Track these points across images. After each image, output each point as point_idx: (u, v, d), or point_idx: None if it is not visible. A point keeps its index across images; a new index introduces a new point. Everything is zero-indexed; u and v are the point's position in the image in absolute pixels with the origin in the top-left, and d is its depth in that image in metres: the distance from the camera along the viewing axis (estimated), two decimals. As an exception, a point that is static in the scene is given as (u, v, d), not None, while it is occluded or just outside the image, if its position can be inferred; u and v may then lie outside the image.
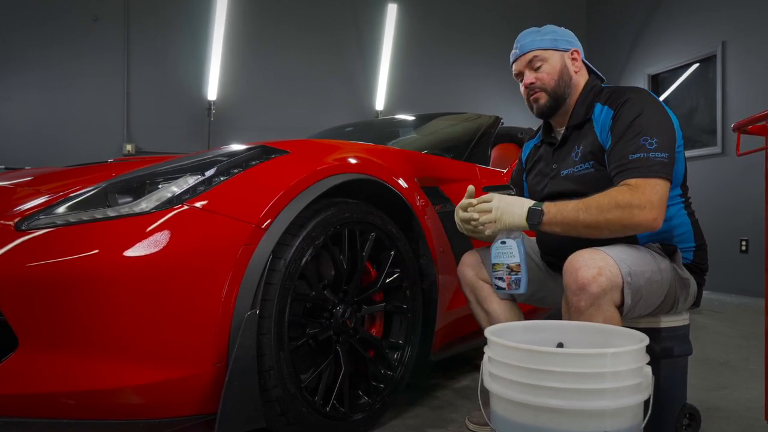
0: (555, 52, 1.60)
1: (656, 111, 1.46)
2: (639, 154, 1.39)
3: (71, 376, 1.22)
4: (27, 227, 1.28)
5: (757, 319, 3.62)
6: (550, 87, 1.59)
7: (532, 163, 1.77)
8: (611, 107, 1.51)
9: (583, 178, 1.54)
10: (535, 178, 1.73)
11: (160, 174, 1.43)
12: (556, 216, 1.40)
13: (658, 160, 1.37)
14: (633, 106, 1.46)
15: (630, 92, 1.51)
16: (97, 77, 4.99)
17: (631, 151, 1.40)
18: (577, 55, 1.63)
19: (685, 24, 5.45)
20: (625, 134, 1.43)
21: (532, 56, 1.60)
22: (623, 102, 1.48)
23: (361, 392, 1.64)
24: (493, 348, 1.17)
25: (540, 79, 1.60)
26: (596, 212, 1.36)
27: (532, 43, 1.61)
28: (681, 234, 1.56)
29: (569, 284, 1.34)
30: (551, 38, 1.61)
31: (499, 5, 6.46)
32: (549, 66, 1.59)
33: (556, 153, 1.65)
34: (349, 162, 1.66)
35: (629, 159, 1.40)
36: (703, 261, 1.61)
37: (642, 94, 1.50)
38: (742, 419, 1.77)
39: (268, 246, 1.37)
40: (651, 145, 1.39)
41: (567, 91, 1.61)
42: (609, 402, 1.05)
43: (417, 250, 1.82)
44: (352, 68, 5.85)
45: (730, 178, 4.82)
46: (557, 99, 1.60)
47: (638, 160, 1.38)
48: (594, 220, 1.36)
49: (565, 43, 1.62)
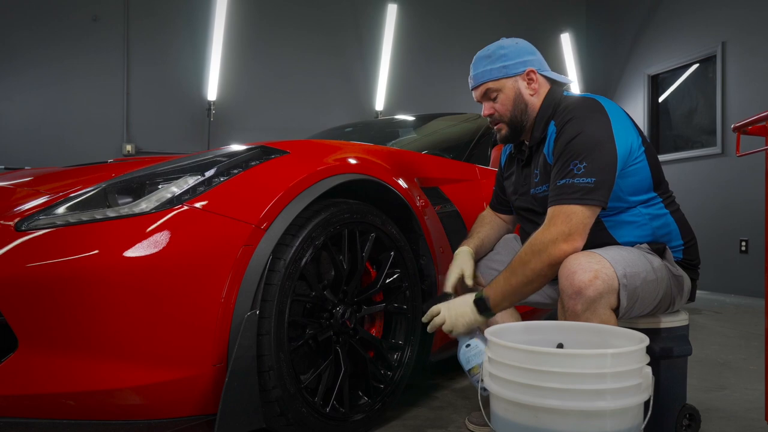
0: (507, 80, 1.57)
1: (596, 129, 1.42)
2: (565, 179, 1.39)
3: (71, 377, 1.22)
4: (27, 227, 1.28)
5: (757, 319, 3.62)
6: (506, 117, 1.59)
7: (509, 172, 1.78)
8: (557, 127, 1.50)
9: (545, 201, 1.52)
10: (511, 187, 1.75)
11: (160, 174, 1.43)
12: (497, 295, 1.43)
13: (581, 185, 1.37)
14: (573, 126, 1.44)
15: (574, 110, 1.47)
16: (97, 77, 4.99)
17: (560, 176, 1.41)
18: (533, 75, 1.58)
19: (685, 24, 5.45)
20: (559, 158, 1.44)
21: (485, 89, 1.59)
22: (567, 121, 1.46)
23: (361, 393, 1.64)
24: (493, 348, 1.17)
25: (497, 110, 1.59)
26: (520, 269, 1.39)
27: (482, 75, 1.58)
28: (666, 234, 1.55)
29: (565, 288, 1.34)
30: (501, 65, 1.57)
31: (499, 5, 6.45)
32: (503, 96, 1.58)
33: (524, 170, 1.67)
34: (349, 162, 1.66)
35: (556, 185, 1.42)
36: (694, 256, 1.61)
37: (588, 110, 1.46)
38: (742, 420, 1.77)
39: (268, 246, 1.37)
40: (579, 170, 1.38)
41: (524, 117, 1.59)
42: (609, 403, 1.05)
43: (417, 251, 1.82)
44: (351, 68, 5.85)
45: (730, 179, 4.82)
46: (516, 128, 1.60)
47: (562, 186, 1.39)
48: (524, 277, 1.39)
49: (517, 65, 1.57)
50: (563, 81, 1.64)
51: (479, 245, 1.74)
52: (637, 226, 1.51)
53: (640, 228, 1.52)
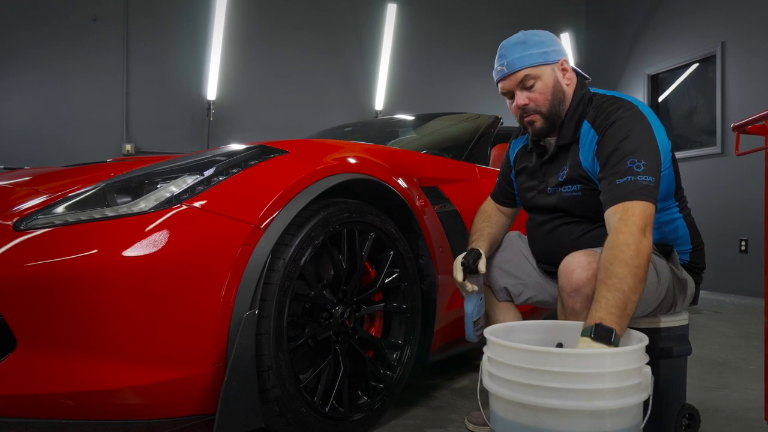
0: (546, 66, 1.48)
1: (643, 130, 1.38)
2: (627, 177, 1.32)
3: (70, 377, 1.22)
4: (25, 227, 1.27)
5: (756, 319, 3.62)
6: (545, 108, 1.48)
7: (522, 166, 1.70)
8: (597, 131, 1.44)
9: (571, 200, 1.51)
10: (525, 183, 1.68)
11: (159, 174, 1.42)
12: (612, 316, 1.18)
13: (644, 183, 1.31)
14: (620, 128, 1.38)
15: (616, 111, 1.42)
16: (97, 77, 5.00)
17: (619, 175, 1.33)
18: (566, 65, 1.52)
19: (685, 24, 5.45)
20: (611, 158, 1.37)
21: (523, 75, 1.47)
22: (609, 125, 1.40)
23: (360, 392, 1.64)
24: (492, 348, 1.17)
25: (534, 100, 1.48)
26: (617, 281, 1.21)
27: (520, 61, 1.47)
28: (676, 238, 1.55)
29: (564, 286, 1.34)
30: (540, 51, 1.47)
31: (499, 5, 6.46)
32: (542, 84, 1.47)
33: (544, 166, 1.59)
34: (349, 162, 1.66)
35: (617, 184, 1.33)
36: (701, 260, 1.60)
37: (630, 113, 1.41)
38: (742, 419, 1.77)
39: (267, 246, 1.37)
40: (639, 168, 1.32)
41: (561, 108, 1.50)
42: (608, 402, 1.05)
43: (416, 250, 1.82)
44: (351, 68, 5.85)
45: (730, 178, 4.82)
46: (553, 120, 1.50)
47: (626, 185, 1.31)
48: (627, 285, 1.20)
49: (554, 53, 1.50)
50: (587, 76, 1.58)
51: (488, 249, 1.67)
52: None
53: None
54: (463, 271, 1.59)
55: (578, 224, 1.52)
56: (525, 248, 1.70)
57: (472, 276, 1.60)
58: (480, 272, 1.58)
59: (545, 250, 1.62)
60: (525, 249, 1.70)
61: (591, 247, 1.41)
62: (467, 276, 1.59)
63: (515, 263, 1.68)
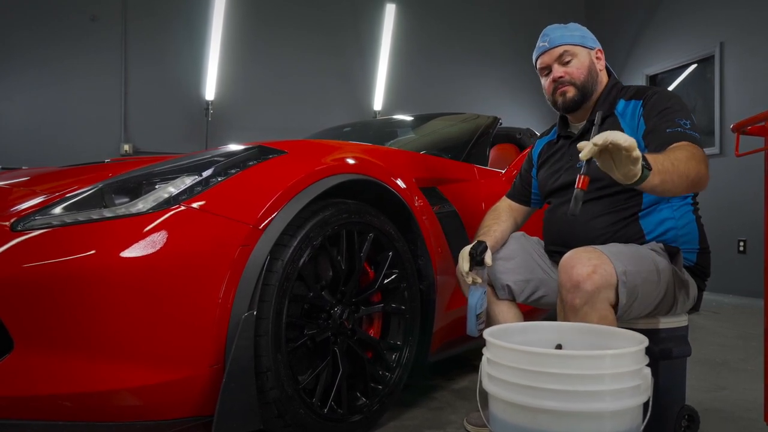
0: (583, 48, 1.64)
1: (682, 101, 1.54)
2: (677, 128, 1.43)
3: (67, 378, 1.21)
4: (23, 228, 1.27)
5: (755, 319, 3.62)
6: (579, 81, 1.62)
7: (545, 158, 1.78)
8: (638, 99, 1.57)
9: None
10: (548, 171, 1.74)
11: (157, 174, 1.42)
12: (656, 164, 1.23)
13: (694, 136, 1.42)
14: (662, 96, 1.53)
15: (656, 88, 1.58)
16: (95, 77, 4.98)
17: (669, 127, 1.44)
18: (600, 55, 1.68)
19: (684, 25, 5.45)
20: (660, 115, 1.48)
21: (562, 50, 1.63)
22: (651, 94, 1.55)
23: (359, 393, 1.63)
24: (491, 349, 1.17)
25: (569, 73, 1.63)
26: (677, 165, 1.28)
27: (561, 38, 1.64)
28: (686, 234, 1.57)
29: (564, 282, 1.34)
30: (580, 35, 1.65)
31: (498, 5, 6.45)
32: (578, 61, 1.63)
33: (573, 146, 1.65)
34: (347, 162, 1.65)
35: (667, 132, 1.43)
36: (706, 265, 1.62)
37: (668, 91, 1.58)
38: (741, 420, 1.77)
39: (266, 247, 1.37)
40: (686, 125, 1.44)
41: (594, 87, 1.64)
42: (608, 404, 1.05)
43: (415, 251, 1.81)
44: (350, 68, 5.84)
45: (729, 179, 4.82)
46: (585, 93, 1.63)
47: (678, 133, 1.42)
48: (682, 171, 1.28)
49: (592, 41, 1.67)
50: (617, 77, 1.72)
51: (494, 245, 1.68)
52: (666, 222, 1.54)
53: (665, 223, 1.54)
54: (470, 261, 1.59)
55: (598, 201, 1.56)
56: (530, 246, 1.71)
57: (477, 268, 1.60)
58: (486, 264, 1.60)
59: (561, 230, 1.64)
60: (530, 247, 1.71)
61: (605, 228, 1.50)
62: (473, 267, 1.60)
63: (519, 260, 1.68)
